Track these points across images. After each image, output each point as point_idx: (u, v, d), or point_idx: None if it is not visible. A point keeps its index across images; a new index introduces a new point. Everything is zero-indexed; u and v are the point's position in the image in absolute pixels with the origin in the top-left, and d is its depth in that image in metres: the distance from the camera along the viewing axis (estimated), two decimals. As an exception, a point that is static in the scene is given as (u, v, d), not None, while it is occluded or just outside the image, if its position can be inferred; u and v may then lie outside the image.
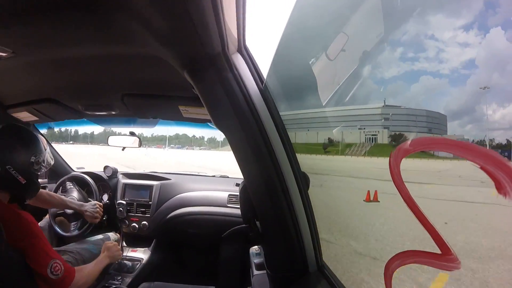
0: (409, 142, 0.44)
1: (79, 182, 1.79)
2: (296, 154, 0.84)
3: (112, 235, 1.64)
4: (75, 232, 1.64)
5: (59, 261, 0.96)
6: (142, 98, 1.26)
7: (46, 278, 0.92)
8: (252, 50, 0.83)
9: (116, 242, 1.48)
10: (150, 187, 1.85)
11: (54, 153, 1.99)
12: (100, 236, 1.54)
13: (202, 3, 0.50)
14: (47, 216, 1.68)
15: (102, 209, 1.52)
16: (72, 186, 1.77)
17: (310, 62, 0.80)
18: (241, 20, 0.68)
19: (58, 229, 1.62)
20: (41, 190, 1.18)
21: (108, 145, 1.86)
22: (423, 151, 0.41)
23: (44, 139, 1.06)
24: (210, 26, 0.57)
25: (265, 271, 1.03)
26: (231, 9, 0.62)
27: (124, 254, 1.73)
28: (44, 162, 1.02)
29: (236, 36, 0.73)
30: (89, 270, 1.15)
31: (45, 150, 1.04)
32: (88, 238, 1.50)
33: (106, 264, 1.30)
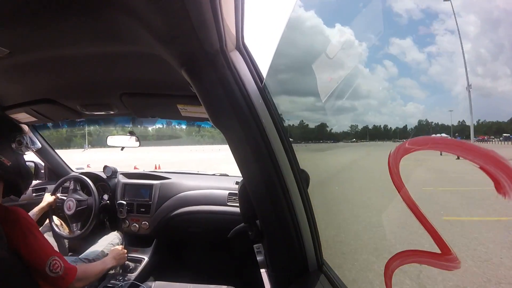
0: (408, 141, 0.43)
1: (78, 182, 1.79)
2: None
3: (115, 237, 1.65)
4: (78, 233, 1.65)
5: (59, 258, 0.93)
6: (140, 97, 1.25)
7: (46, 277, 0.89)
8: (251, 48, 0.82)
9: (122, 246, 1.50)
10: (150, 186, 1.85)
11: (52, 153, 1.99)
12: (109, 241, 1.58)
13: (200, 0, 0.50)
14: (47, 221, 1.69)
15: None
16: (71, 187, 1.77)
17: (310, 60, 0.80)
18: (239, 17, 0.67)
19: (60, 232, 1.63)
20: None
21: (107, 145, 1.85)
22: (422, 151, 0.41)
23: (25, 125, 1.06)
24: (208, 23, 0.56)
25: (265, 269, 1.03)
26: (229, 6, 0.61)
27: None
28: (28, 143, 1.00)
29: (234, 34, 0.72)
30: (92, 268, 1.16)
31: (26, 131, 1.02)
32: (98, 247, 1.53)
33: (111, 267, 1.32)
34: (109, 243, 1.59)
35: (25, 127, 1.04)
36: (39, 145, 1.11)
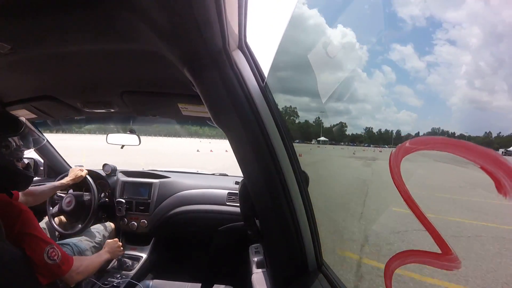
0: (409, 141, 0.44)
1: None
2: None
3: (99, 226, 1.63)
4: (77, 229, 1.64)
5: (56, 247, 0.96)
6: (141, 96, 1.25)
7: (44, 265, 0.91)
8: (253, 47, 0.83)
9: (117, 239, 1.49)
10: (149, 185, 1.85)
11: (51, 150, 1.98)
12: (94, 227, 1.57)
13: None
14: (46, 217, 1.68)
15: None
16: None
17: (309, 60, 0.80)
18: (242, 16, 0.68)
19: (58, 228, 1.62)
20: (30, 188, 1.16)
21: (107, 143, 1.85)
22: (423, 150, 0.41)
23: (26, 122, 1.01)
24: (213, 21, 0.56)
25: (264, 269, 1.03)
26: (233, 5, 0.61)
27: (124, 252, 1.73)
28: (19, 146, 0.97)
29: (237, 33, 0.72)
30: (88, 260, 1.18)
31: (18, 132, 0.97)
32: (86, 238, 1.51)
33: (106, 259, 1.31)
34: (97, 231, 1.56)
35: (23, 125, 0.98)
36: (38, 143, 1.07)
